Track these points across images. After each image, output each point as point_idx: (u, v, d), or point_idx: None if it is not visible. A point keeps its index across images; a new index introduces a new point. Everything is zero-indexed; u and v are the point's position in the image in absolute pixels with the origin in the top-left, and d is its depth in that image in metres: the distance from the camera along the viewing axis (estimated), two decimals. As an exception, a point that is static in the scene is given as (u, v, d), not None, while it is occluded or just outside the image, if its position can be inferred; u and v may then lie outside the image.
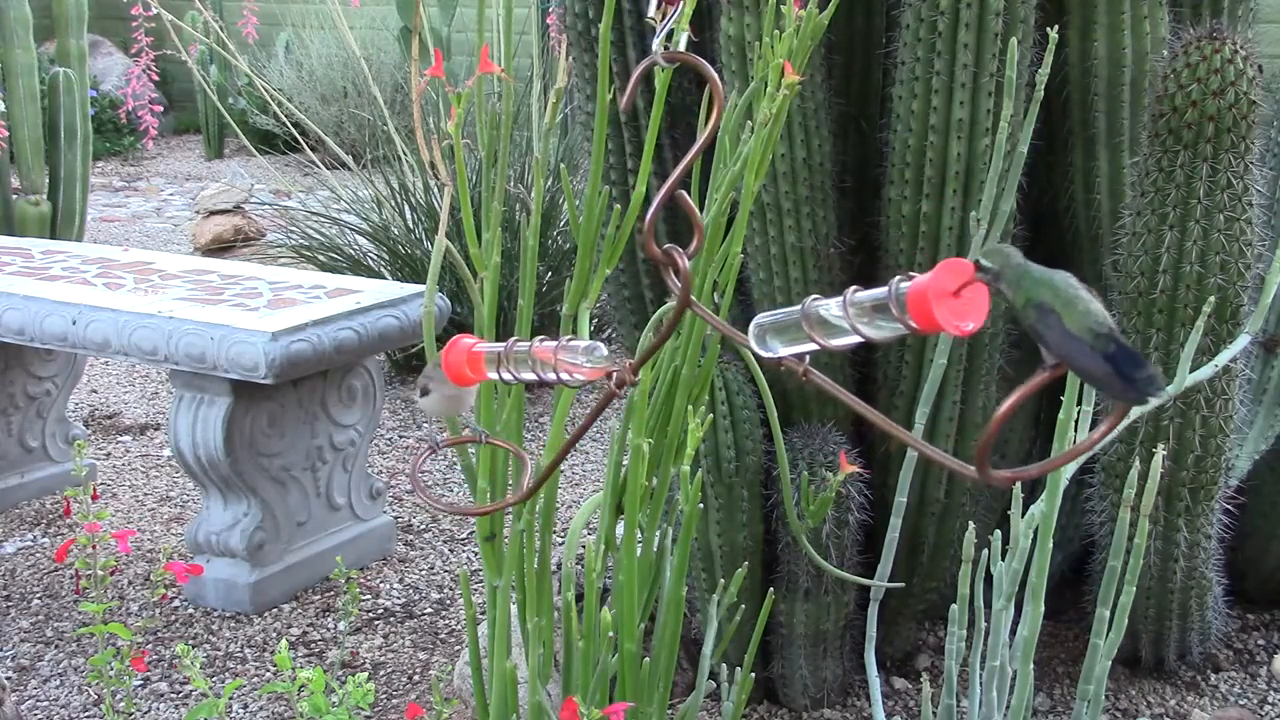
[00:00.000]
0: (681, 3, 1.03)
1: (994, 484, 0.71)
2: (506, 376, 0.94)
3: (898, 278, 0.74)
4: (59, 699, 2.20)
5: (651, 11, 1.02)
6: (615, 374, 0.87)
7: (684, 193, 0.89)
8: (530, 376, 0.92)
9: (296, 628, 2.42)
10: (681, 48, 1.04)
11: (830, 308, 0.76)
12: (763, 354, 0.81)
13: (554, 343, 0.90)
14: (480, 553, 1.59)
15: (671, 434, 1.38)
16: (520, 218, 3.67)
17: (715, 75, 0.90)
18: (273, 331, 2.30)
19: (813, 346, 0.78)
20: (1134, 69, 1.98)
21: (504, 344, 0.94)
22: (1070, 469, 1.51)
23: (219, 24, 5.07)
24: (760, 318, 0.81)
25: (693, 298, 0.86)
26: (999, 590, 1.51)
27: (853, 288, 0.76)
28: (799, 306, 0.78)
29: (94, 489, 1.78)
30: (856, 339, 0.76)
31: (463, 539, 2.82)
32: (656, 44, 1.00)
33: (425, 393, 1.11)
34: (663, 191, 0.84)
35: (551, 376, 0.90)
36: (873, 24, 2.05)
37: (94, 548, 1.66)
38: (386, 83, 6.60)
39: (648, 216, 0.85)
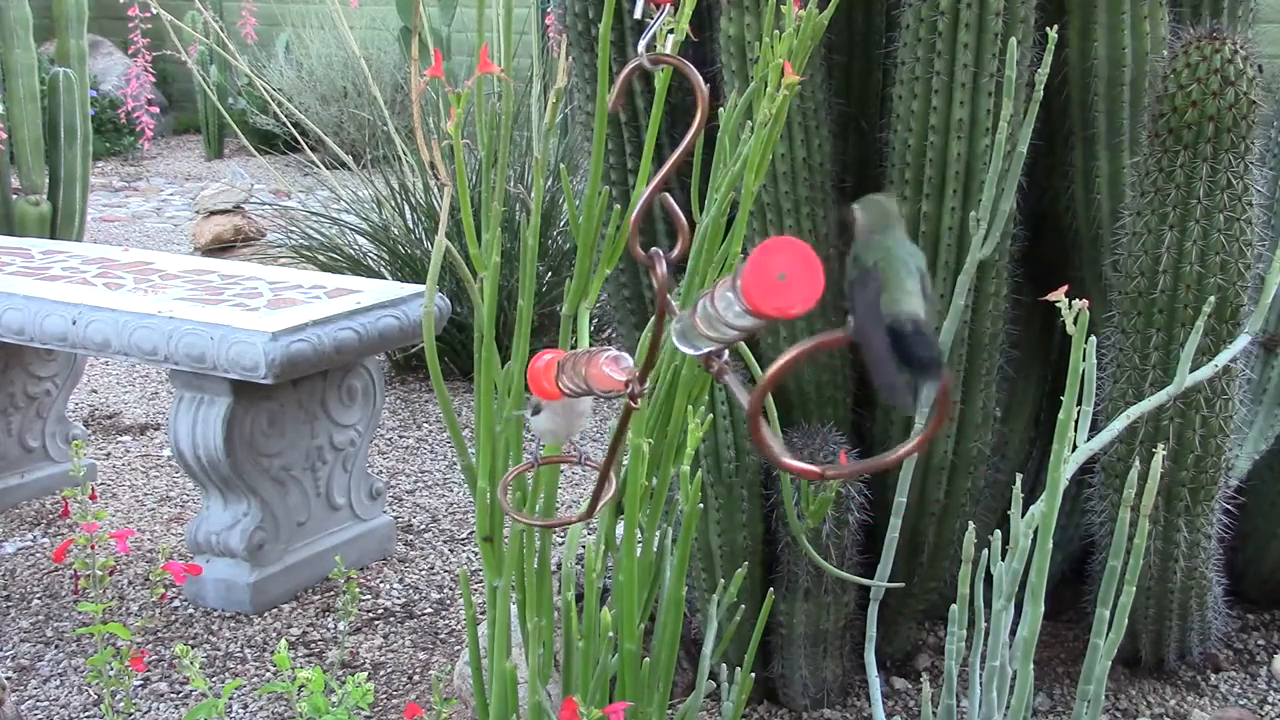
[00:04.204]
0: (667, 5, 1.03)
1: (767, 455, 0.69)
2: (568, 385, 0.94)
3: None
4: (59, 699, 2.19)
5: (639, 13, 1.02)
6: (630, 385, 0.87)
7: (667, 195, 0.89)
8: (578, 385, 0.93)
9: (296, 628, 2.42)
10: (668, 48, 1.04)
11: (704, 305, 0.75)
12: (687, 352, 0.80)
13: (603, 353, 0.90)
14: (480, 553, 1.59)
15: (671, 434, 1.38)
16: (520, 218, 3.67)
17: (699, 78, 0.90)
18: (273, 331, 2.30)
19: (712, 346, 0.77)
20: (1134, 69, 1.98)
21: (569, 355, 0.94)
22: (1070, 469, 1.51)
23: (219, 24, 5.07)
24: (675, 319, 0.81)
25: (671, 300, 0.86)
26: (999, 590, 1.51)
27: (719, 283, 0.74)
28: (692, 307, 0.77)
29: (93, 489, 1.78)
30: (735, 334, 0.74)
31: (462, 539, 2.82)
32: (642, 45, 1.00)
33: (537, 411, 1.09)
34: (645, 194, 0.84)
35: (585, 386, 0.91)
36: (873, 24, 2.05)
37: (93, 548, 1.66)
38: (386, 83, 6.60)
39: (630, 219, 0.85)
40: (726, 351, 0.77)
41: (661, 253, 0.82)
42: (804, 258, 0.67)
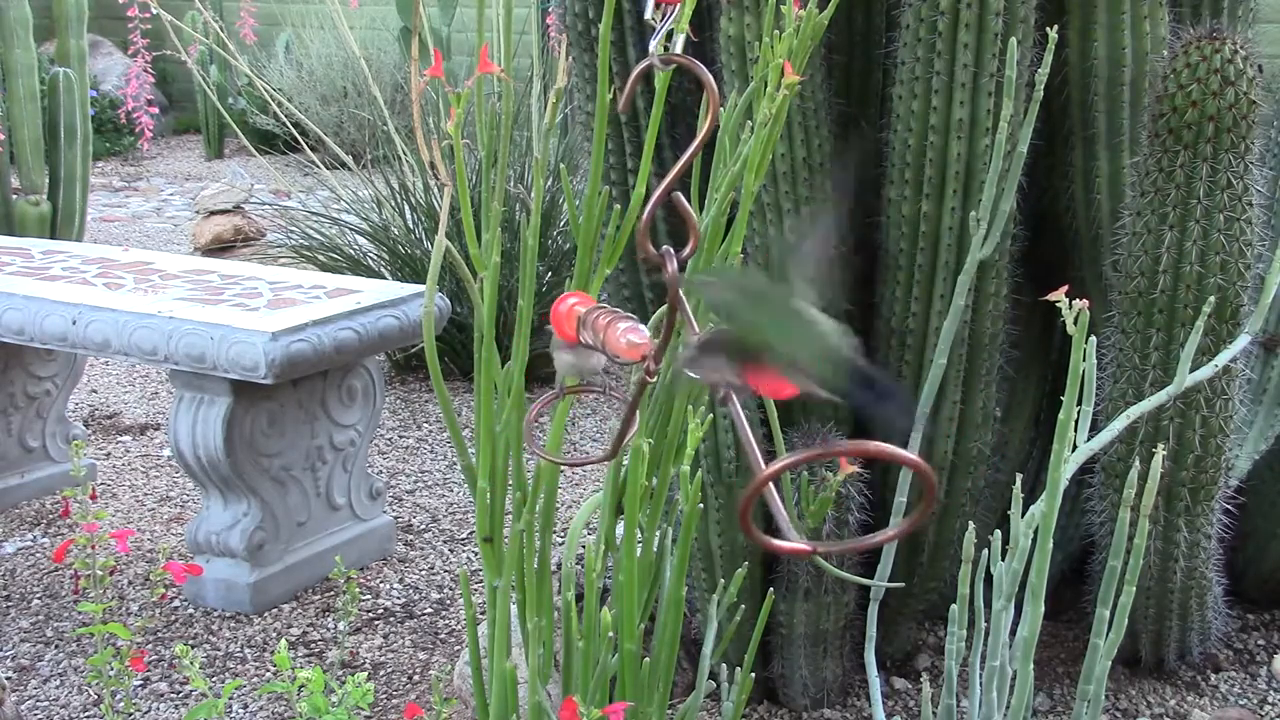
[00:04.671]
0: (679, 4, 1.03)
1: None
2: (585, 338, 0.96)
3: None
4: (59, 699, 2.19)
5: (649, 13, 1.02)
6: (646, 358, 0.88)
7: (680, 195, 0.89)
8: (594, 342, 0.95)
9: (296, 628, 2.42)
10: (679, 49, 1.04)
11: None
12: (694, 377, 0.82)
13: (622, 321, 0.92)
14: (480, 553, 1.59)
15: (671, 434, 1.38)
16: (520, 218, 3.67)
17: (710, 77, 0.90)
18: (273, 331, 2.30)
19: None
20: (1134, 69, 1.98)
21: (592, 308, 0.96)
22: (1070, 469, 1.51)
23: (219, 24, 5.07)
24: (683, 346, 0.83)
25: (683, 297, 0.87)
26: (999, 590, 1.51)
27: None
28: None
29: (93, 489, 1.78)
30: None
31: (462, 539, 2.82)
32: (654, 45, 1.00)
33: (558, 349, 1.12)
34: (658, 192, 0.84)
35: (600, 345, 0.93)
36: (873, 24, 2.05)
37: (93, 548, 1.66)
38: (386, 83, 6.61)
39: (643, 217, 0.85)
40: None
41: (672, 250, 0.83)
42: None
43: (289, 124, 4.58)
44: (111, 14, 6.38)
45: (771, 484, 0.72)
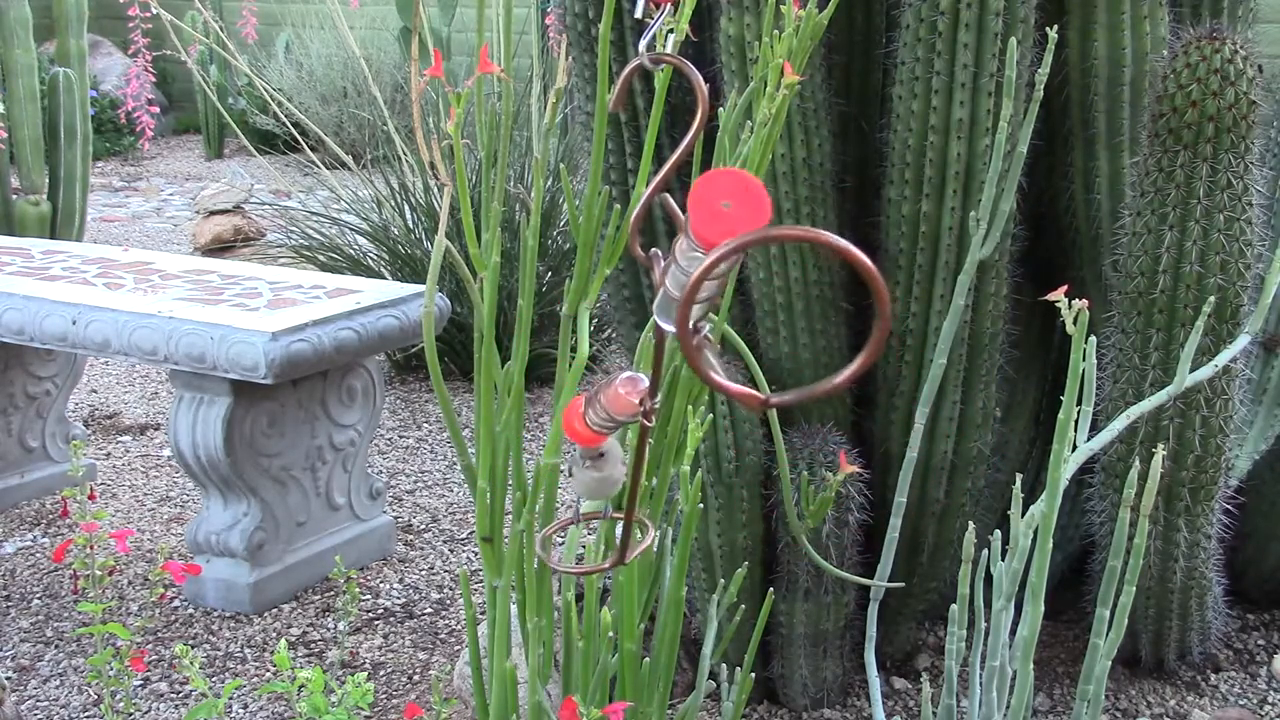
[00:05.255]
0: (667, 5, 1.03)
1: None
2: (592, 418, 0.92)
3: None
4: (59, 699, 2.19)
5: (639, 13, 1.02)
6: (642, 403, 0.87)
7: (668, 196, 0.89)
8: (602, 417, 0.91)
9: (296, 628, 2.42)
10: (670, 48, 1.04)
11: (673, 270, 0.75)
12: (667, 327, 0.79)
13: (619, 376, 0.89)
14: (480, 553, 1.59)
15: (671, 434, 1.38)
16: (520, 218, 3.67)
17: (699, 76, 0.90)
18: (273, 331, 2.30)
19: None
20: (1134, 69, 1.98)
21: (592, 388, 0.93)
22: (1070, 469, 1.51)
23: (219, 24, 5.07)
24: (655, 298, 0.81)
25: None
26: (999, 590, 1.51)
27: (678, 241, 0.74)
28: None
29: (92, 489, 1.78)
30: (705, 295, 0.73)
31: (462, 539, 2.82)
32: (643, 45, 1.00)
33: (570, 474, 1.08)
34: (645, 195, 0.84)
35: (608, 415, 0.90)
36: (873, 24, 2.05)
37: (92, 548, 1.66)
38: (386, 83, 6.61)
39: (630, 219, 0.85)
40: (706, 325, 0.76)
41: (660, 253, 0.82)
42: (744, 185, 0.67)
43: (289, 124, 4.58)
44: (111, 14, 6.38)
45: (708, 354, 0.71)
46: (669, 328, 0.77)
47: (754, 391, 0.69)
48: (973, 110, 1.85)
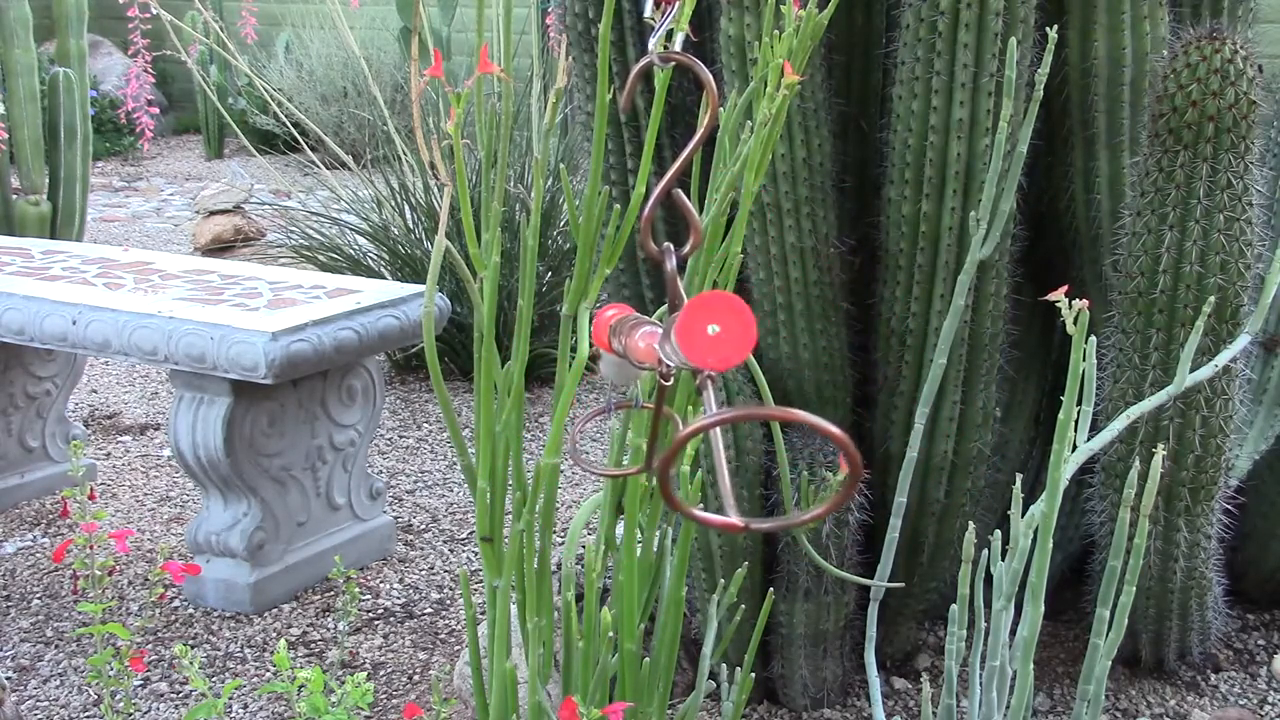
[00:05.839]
0: (678, 2, 1.03)
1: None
2: (616, 346, 0.96)
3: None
4: (59, 699, 2.19)
5: (649, 11, 1.02)
6: (662, 365, 0.88)
7: (680, 192, 0.89)
8: (620, 349, 0.94)
9: (296, 628, 2.42)
10: (678, 47, 1.04)
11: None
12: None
13: (644, 325, 0.91)
14: (480, 553, 1.59)
15: (672, 434, 1.38)
16: (520, 218, 3.67)
17: (710, 76, 0.90)
18: (273, 331, 2.30)
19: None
20: (1134, 69, 1.98)
21: (625, 317, 0.96)
22: (1070, 469, 1.51)
23: (219, 24, 5.07)
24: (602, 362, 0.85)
25: (681, 291, 0.87)
26: (999, 590, 1.51)
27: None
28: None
29: (91, 489, 1.78)
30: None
31: (463, 539, 2.82)
32: (653, 43, 1.00)
33: (596, 359, 1.12)
34: (658, 189, 0.84)
35: (624, 352, 0.93)
36: (873, 24, 2.05)
37: (91, 548, 1.66)
38: (386, 83, 6.61)
39: (644, 214, 0.85)
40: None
41: (672, 247, 0.83)
42: (736, 310, 0.71)
43: (289, 124, 4.58)
44: (111, 14, 6.38)
45: (723, 460, 0.74)
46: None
47: (733, 520, 0.72)
48: (973, 110, 1.85)
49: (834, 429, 0.66)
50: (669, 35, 1.03)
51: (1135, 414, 1.65)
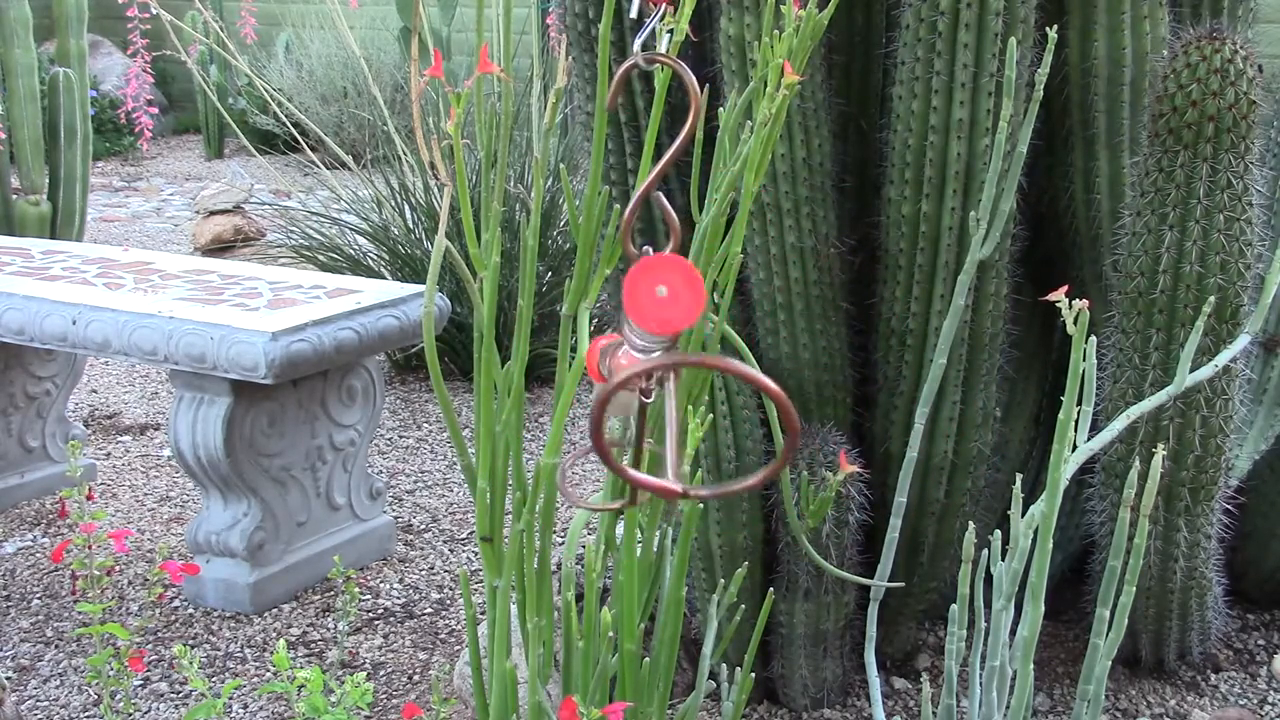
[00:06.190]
0: (664, 5, 1.03)
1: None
2: (605, 370, 0.95)
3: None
4: (59, 699, 2.19)
5: (633, 12, 1.02)
6: (656, 372, 0.87)
7: (660, 195, 0.89)
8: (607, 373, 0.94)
9: (296, 628, 2.42)
10: (663, 48, 1.04)
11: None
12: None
13: (622, 349, 0.91)
14: (480, 553, 1.59)
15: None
16: (520, 218, 3.67)
17: (691, 76, 0.90)
18: (273, 331, 2.30)
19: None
20: (1134, 69, 1.98)
21: (612, 343, 0.95)
22: (1070, 469, 1.51)
23: (219, 24, 5.07)
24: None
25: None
26: (999, 590, 1.51)
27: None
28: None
29: (90, 489, 1.78)
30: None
31: (463, 539, 2.82)
32: (637, 45, 1.00)
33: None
34: (638, 194, 0.84)
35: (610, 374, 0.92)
36: (873, 24, 2.05)
37: (90, 548, 1.66)
38: (386, 83, 6.61)
39: (625, 216, 0.85)
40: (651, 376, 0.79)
41: (651, 249, 0.83)
42: (683, 272, 0.69)
43: (289, 124, 4.58)
44: (111, 14, 6.38)
45: (674, 426, 0.73)
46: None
47: (671, 485, 0.71)
48: (973, 110, 1.85)
49: (770, 383, 0.65)
50: (657, 35, 1.03)
51: (1135, 414, 1.65)
